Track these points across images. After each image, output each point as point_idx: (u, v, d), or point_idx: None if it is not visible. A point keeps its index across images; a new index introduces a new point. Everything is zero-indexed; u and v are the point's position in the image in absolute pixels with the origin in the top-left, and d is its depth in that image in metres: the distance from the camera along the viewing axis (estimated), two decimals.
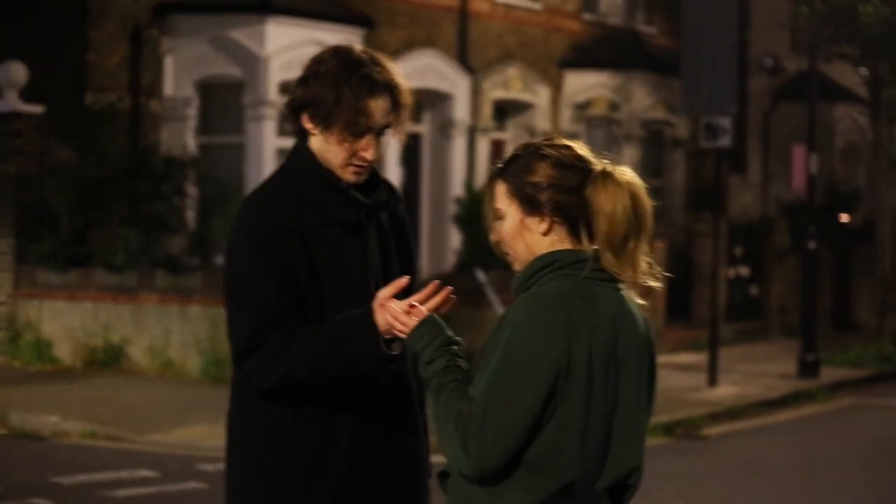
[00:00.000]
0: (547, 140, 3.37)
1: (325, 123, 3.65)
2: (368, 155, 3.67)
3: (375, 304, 3.51)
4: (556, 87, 22.50)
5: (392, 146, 19.67)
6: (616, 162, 3.32)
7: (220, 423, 12.63)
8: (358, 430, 3.65)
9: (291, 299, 3.58)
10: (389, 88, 3.65)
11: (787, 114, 27.53)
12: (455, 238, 19.92)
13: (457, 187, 20.07)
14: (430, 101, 20.28)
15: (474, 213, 16.93)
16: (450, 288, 3.42)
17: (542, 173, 3.27)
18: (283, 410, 3.63)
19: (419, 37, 20.12)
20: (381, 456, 3.69)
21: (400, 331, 3.43)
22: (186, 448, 11.29)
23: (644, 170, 24.69)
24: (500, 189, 3.32)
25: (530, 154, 3.32)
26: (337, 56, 3.69)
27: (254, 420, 3.67)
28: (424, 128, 20.64)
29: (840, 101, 27.68)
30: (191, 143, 17.32)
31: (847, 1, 19.98)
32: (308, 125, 3.68)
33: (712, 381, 15.47)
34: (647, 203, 3.26)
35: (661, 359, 3.26)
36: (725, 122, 15.56)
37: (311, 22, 17.73)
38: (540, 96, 22.25)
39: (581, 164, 3.28)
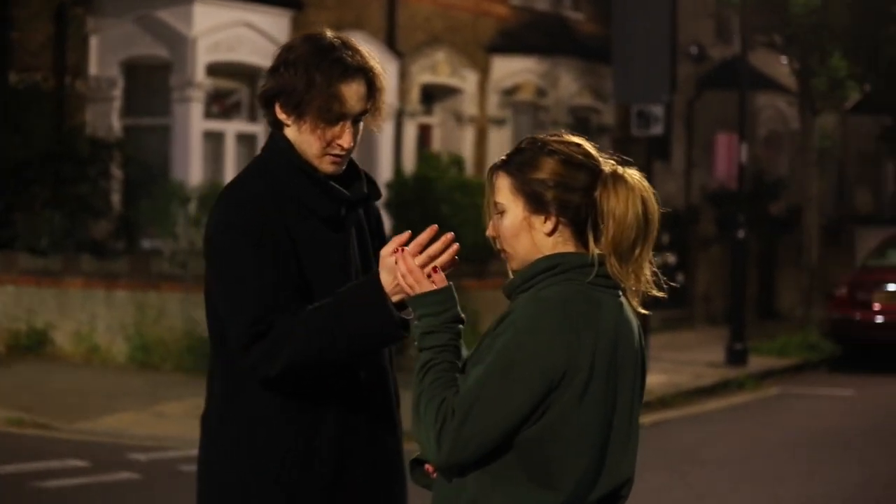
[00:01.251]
0: (554, 135, 3.23)
1: (297, 112, 3.49)
2: (345, 142, 3.51)
3: (382, 264, 3.34)
4: (484, 72, 22.40)
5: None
6: (620, 162, 3.21)
7: (148, 410, 12.46)
8: (342, 431, 3.52)
9: (290, 284, 3.43)
10: (364, 72, 3.50)
11: (710, 102, 27.70)
12: (385, 225, 19.77)
13: (384, 172, 19.92)
14: None
15: (405, 199, 16.79)
16: (457, 245, 3.27)
17: (550, 170, 3.13)
18: (268, 408, 3.47)
19: (347, 19, 19.91)
20: (364, 457, 3.57)
21: (410, 286, 3.21)
22: (116, 436, 11.12)
23: None
24: (503, 183, 3.17)
25: (538, 149, 3.17)
26: (308, 42, 3.54)
27: (237, 418, 3.51)
28: None
29: (763, 90, 27.86)
30: (116, 124, 17.02)
31: None
32: (281, 115, 3.53)
33: None
34: (656, 209, 3.14)
35: None
36: (658, 111, 15.56)
37: (240, 3, 17.47)
38: (468, 81, 22.13)
39: (590, 163, 3.15)
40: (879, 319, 17.56)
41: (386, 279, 3.32)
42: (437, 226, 3.29)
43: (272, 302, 3.38)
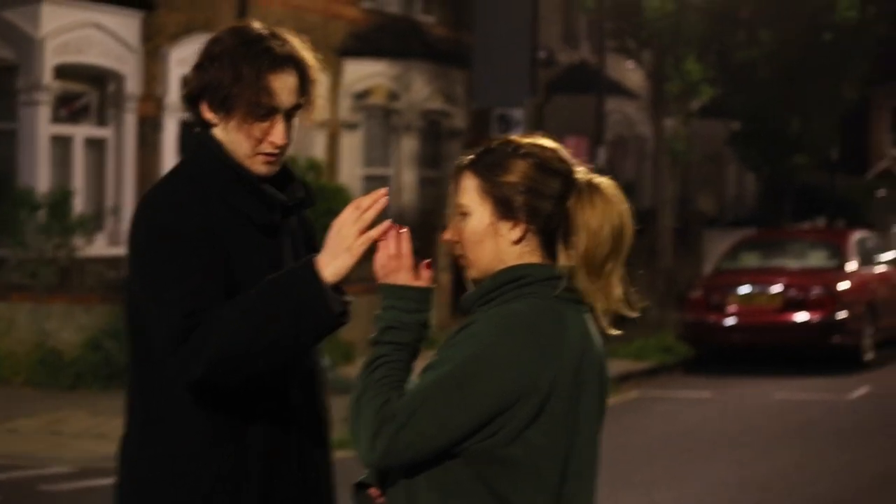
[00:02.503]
0: (527, 137, 3.03)
1: (225, 108, 3.25)
2: (277, 139, 3.26)
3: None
4: (336, 75, 22.15)
5: (170, 131, 19.10)
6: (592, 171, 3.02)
7: None
8: (271, 453, 3.28)
9: (221, 288, 3.16)
10: (294, 63, 3.27)
11: (559, 106, 27.84)
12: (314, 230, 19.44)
13: None
14: None
15: None
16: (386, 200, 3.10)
17: (523, 174, 2.93)
18: (194, 428, 3.22)
19: (198, 21, 19.48)
20: (293, 479, 3.33)
21: (390, 270, 2.97)
22: None
23: (422, 160, 24.82)
24: (470, 183, 2.96)
25: (511, 150, 2.97)
26: (234, 34, 3.30)
27: (161, 440, 3.25)
28: None
29: (611, 95, 28.12)
30: None
31: None
32: (208, 114, 3.28)
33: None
34: (631, 224, 2.96)
35: None
36: (518, 114, 15.51)
37: (89, 3, 16.99)
38: (319, 84, 21.81)
39: (565, 170, 2.95)
40: (733, 322, 17.74)
41: (322, 256, 3.09)
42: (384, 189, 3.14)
43: (203, 301, 3.12)
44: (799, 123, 22.60)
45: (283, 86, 3.25)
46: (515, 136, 3.07)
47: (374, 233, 3.04)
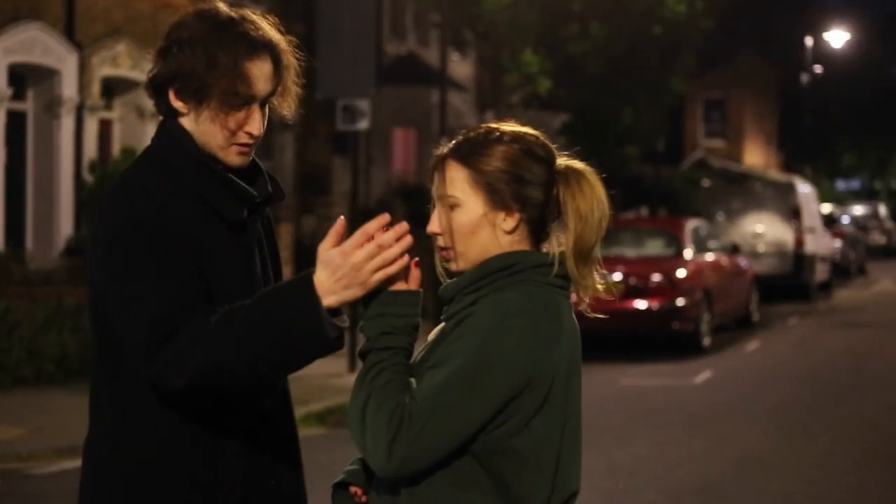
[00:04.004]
0: (508, 124, 2.98)
1: (197, 97, 3.05)
2: (254, 129, 3.09)
3: (321, 259, 2.87)
4: None
5: None
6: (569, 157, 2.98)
7: None
8: (246, 463, 3.12)
9: (196, 286, 2.97)
10: (270, 48, 3.09)
11: (387, 98, 27.81)
12: (66, 224, 18.89)
13: (65, 168, 19.03)
14: (36, 76, 19.14)
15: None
16: (410, 239, 2.84)
17: (508, 160, 2.88)
18: (171, 433, 3.05)
19: (24, 8, 18.90)
20: (267, 490, 3.18)
21: (382, 267, 2.81)
22: None
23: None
24: (458, 174, 2.88)
25: (495, 138, 2.91)
26: (203, 18, 3.09)
27: (134, 445, 3.06)
28: (29, 105, 19.43)
29: (436, 86, 28.18)
30: None
31: None
32: (177, 103, 3.08)
33: (352, 365, 15.31)
34: (610, 208, 2.94)
35: None
36: (364, 105, 15.39)
37: None
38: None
39: (548, 156, 2.93)
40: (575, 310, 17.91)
41: (323, 278, 2.84)
42: (388, 215, 2.91)
43: (177, 302, 2.91)
44: (629, 115, 22.97)
45: (260, 73, 3.08)
46: (494, 124, 3.02)
47: (392, 269, 2.84)
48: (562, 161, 2.94)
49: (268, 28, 3.13)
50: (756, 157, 56.35)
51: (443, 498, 2.82)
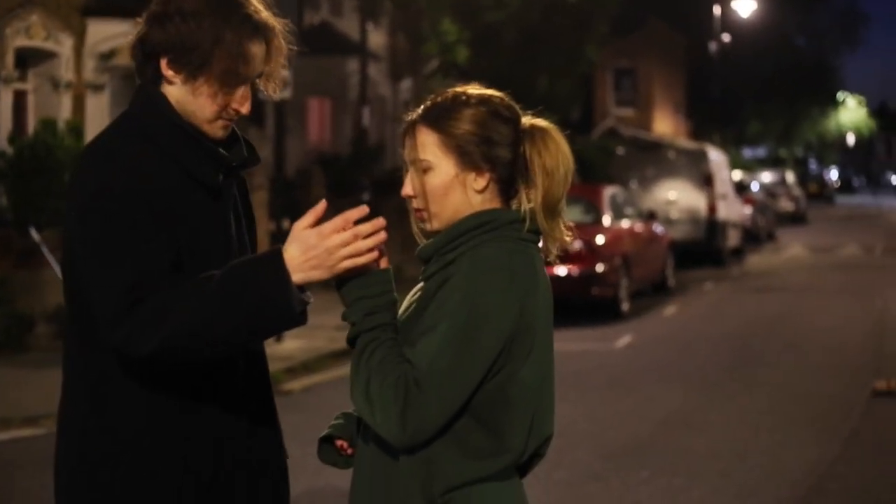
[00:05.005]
0: (473, 87, 3.11)
1: (193, 70, 3.11)
2: (244, 108, 3.17)
3: (294, 236, 2.94)
4: (80, 35, 21.51)
5: None
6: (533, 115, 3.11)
7: None
8: (221, 433, 3.19)
9: (169, 253, 3.01)
10: (267, 32, 3.16)
11: (302, 67, 27.71)
12: None
13: None
14: None
15: (20, 170, 15.88)
16: (384, 235, 2.92)
17: (477, 123, 3.01)
18: (141, 409, 3.10)
19: None
20: (244, 461, 3.26)
21: (356, 255, 2.90)
22: None
23: None
24: (428, 139, 3.01)
25: (462, 102, 3.04)
26: None
27: (112, 419, 3.12)
28: None
29: (352, 55, 28.18)
30: None
31: None
32: (168, 72, 3.13)
33: (279, 335, 15.39)
34: (573, 163, 3.09)
35: None
36: (287, 74, 15.39)
37: None
38: (64, 45, 21.17)
39: (514, 116, 3.06)
40: None
41: (294, 254, 2.92)
42: (367, 207, 2.99)
43: (150, 270, 2.96)
44: (545, 83, 23.16)
45: (258, 54, 3.15)
46: (460, 87, 3.13)
47: (361, 260, 2.92)
48: (527, 120, 3.07)
49: (264, 10, 3.19)
50: (665, 125, 56.93)
51: (440, 450, 2.94)
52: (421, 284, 3.07)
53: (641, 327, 17.81)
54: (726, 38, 55.05)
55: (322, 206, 2.97)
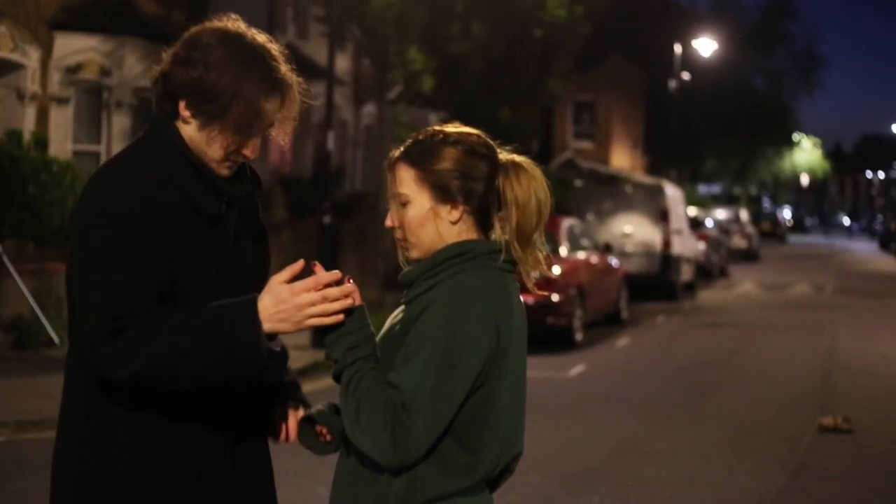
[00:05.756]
0: (452, 126, 3.33)
1: (211, 120, 3.27)
2: (251, 154, 3.34)
3: (269, 288, 3.13)
4: (47, 48, 21.60)
5: None
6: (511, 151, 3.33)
7: None
8: (210, 435, 3.35)
9: (157, 286, 3.17)
10: (284, 89, 3.30)
11: None
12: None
13: None
14: None
15: None
16: (350, 301, 3.16)
17: (455, 160, 3.22)
18: (127, 425, 3.26)
19: None
20: (229, 475, 3.42)
21: (333, 314, 3.14)
22: None
23: (133, 138, 24.25)
24: (406, 174, 3.23)
25: (440, 140, 3.26)
26: (229, 44, 3.27)
27: (105, 425, 3.28)
28: None
29: (316, 79, 28.30)
30: None
31: None
32: (185, 113, 3.29)
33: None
34: (549, 197, 3.30)
35: None
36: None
37: None
38: (30, 57, 21.26)
39: (490, 153, 3.27)
40: None
41: (267, 305, 3.11)
42: (339, 272, 3.21)
43: (135, 301, 3.12)
44: (508, 114, 23.43)
45: (272, 109, 3.29)
46: (439, 126, 3.35)
47: (326, 321, 3.13)
48: (504, 156, 3.29)
49: (284, 66, 3.33)
50: (622, 159, 57.37)
51: (421, 467, 3.12)
52: (402, 307, 3.28)
53: (594, 357, 18.04)
54: (686, 76, 55.60)
55: (299, 265, 3.16)
